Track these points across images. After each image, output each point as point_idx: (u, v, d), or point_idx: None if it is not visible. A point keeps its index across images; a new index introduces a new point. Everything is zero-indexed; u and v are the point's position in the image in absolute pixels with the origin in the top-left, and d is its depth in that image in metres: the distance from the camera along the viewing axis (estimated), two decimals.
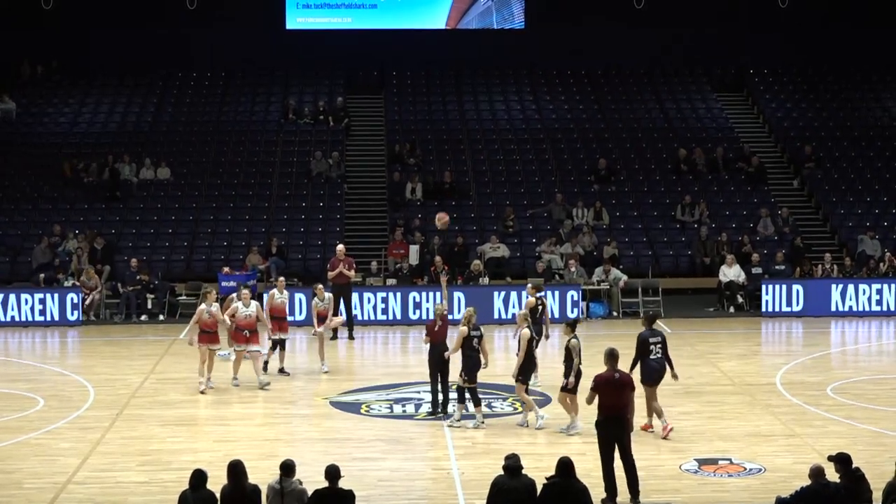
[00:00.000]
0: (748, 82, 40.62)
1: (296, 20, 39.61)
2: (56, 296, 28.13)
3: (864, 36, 39.68)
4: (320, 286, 22.89)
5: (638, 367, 17.27)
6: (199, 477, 11.99)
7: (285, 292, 22.57)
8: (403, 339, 26.95)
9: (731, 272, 29.72)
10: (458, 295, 27.66)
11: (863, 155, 36.82)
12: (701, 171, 35.64)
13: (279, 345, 22.02)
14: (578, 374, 17.46)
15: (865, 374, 22.51)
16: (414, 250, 30.68)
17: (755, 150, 36.80)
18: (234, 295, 21.92)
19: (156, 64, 39.62)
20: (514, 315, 22.93)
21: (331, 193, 34.82)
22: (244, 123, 38.27)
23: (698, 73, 41.01)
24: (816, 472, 12.31)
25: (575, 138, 37.50)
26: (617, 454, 14.39)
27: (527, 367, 18.02)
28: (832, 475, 12.49)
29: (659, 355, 17.31)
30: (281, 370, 22.00)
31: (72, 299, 28.11)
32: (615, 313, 29.13)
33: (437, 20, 40.14)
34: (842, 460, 12.50)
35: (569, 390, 17.48)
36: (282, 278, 23.52)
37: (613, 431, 14.41)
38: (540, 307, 20.64)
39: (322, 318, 22.41)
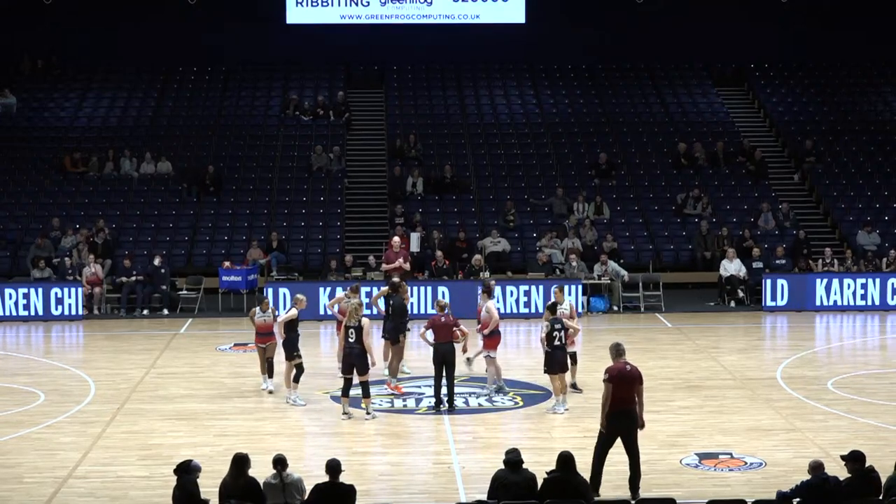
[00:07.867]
0: (749, 76, 40.57)
1: (296, 15, 39.51)
2: (57, 290, 28.13)
3: (864, 29, 39.63)
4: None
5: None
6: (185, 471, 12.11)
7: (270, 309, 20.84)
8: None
9: (731, 266, 29.70)
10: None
11: (864, 149, 36.77)
12: (701, 165, 35.63)
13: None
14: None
15: (866, 368, 22.53)
16: (415, 238, 30.51)
17: (756, 144, 36.76)
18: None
19: (156, 58, 39.58)
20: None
21: (331, 188, 34.81)
22: (245, 118, 38.26)
23: (699, 67, 40.95)
24: (816, 467, 12.34)
25: (575, 132, 37.46)
26: (622, 448, 14.29)
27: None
28: (831, 469, 12.50)
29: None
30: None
31: (73, 294, 28.12)
32: (616, 308, 29.11)
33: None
34: (853, 458, 12.51)
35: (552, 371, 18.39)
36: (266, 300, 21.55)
37: (621, 425, 14.23)
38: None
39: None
